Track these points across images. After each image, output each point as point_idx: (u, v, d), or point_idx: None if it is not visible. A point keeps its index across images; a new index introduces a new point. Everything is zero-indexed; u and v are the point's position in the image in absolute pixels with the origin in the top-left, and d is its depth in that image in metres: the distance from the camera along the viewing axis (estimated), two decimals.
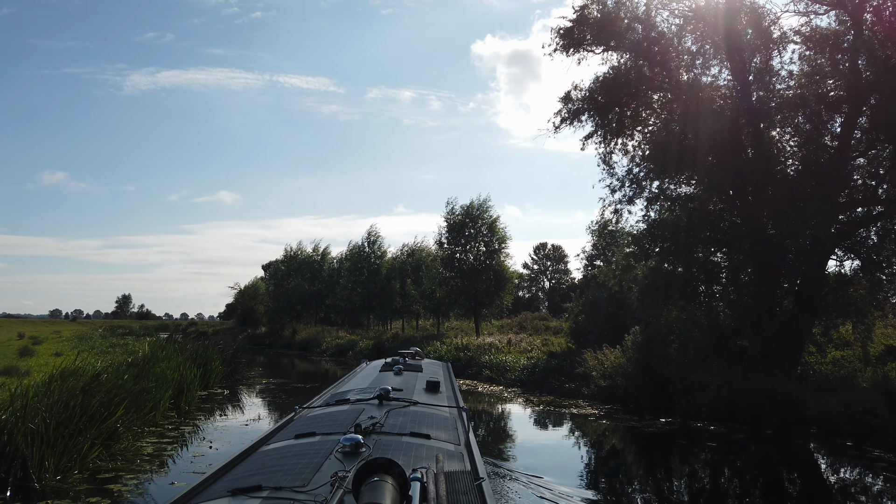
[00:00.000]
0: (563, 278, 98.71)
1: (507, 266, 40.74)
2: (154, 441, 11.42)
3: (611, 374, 19.40)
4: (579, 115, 22.02)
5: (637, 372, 18.39)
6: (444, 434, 4.41)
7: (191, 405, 16.10)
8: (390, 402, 5.06)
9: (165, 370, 14.14)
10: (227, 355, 23.59)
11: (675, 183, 20.33)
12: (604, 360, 20.24)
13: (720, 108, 18.02)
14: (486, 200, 40.87)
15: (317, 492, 2.82)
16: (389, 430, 4.13)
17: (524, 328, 44.28)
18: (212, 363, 21.37)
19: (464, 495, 2.91)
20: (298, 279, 64.50)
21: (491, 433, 15.41)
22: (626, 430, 14.91)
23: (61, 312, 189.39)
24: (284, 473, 3.17)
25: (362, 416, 4.50)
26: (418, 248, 52.62)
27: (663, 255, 20.56)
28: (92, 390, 9.48)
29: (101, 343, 38.64)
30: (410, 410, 4.91)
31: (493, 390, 22.27)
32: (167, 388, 13.61)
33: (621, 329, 26.76)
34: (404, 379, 6.69)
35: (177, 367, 15.69)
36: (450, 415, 5.22)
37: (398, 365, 7.53)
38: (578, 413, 17.06)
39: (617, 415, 16.68)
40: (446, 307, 44.71)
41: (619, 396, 18.50)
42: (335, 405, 5.25)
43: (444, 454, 3.55)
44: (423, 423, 4.48)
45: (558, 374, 21.72)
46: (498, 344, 30.32)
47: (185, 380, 15.84)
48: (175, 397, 15.44)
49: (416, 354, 9.58)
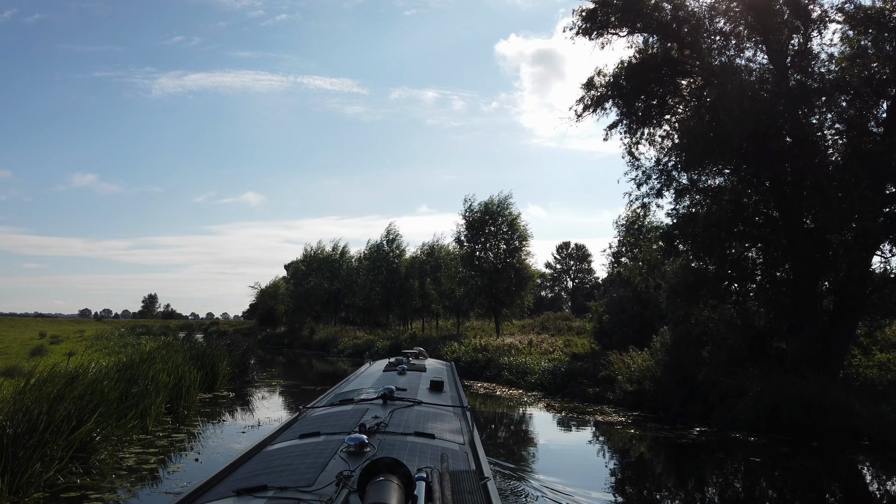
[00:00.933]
0: (586, 278, 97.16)
1: (528, 265, 39.46)
2: (138, 451, 10.50)
3: (638, 378, 18.16)
4: (603, 103, 20.81)
5: (666, 376, 17.13)
6: (449, 433, 4.37)
7: (190, 409, 15.22)
8: (394, 402, 5.04)
9: (159, 373, 13.22)
10: (236, 356, 22.73)
11: (707, 174, 19.00)
12: (630, 363, 18.99)
13: (756, 92, 16.66)
14: (506, 197, 39.70)
15: (322, 491, 2.80)
16: (394, 430, 4.11)
17: (546, 328, 43.04)
18: (218, 364, 20.53)
19: (469, 495, 2.85)
20: (318, 279, 64.00)
21: (509, 441, 14.28)
22: (657, 441, 13.65)
23: (90, 312, 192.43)
24: (289, 473, 3.16)
25: (366, 415, 4.48)
26: (438, 247, 51.57)
27: (694, 252, 19.27)
28: (62, 396, 8.56)
29: (115, 342, 38.34)
30: (414, 410, 4.88)
31: (513, 394, 21.10)
32: (159, 393, 12.69)
33: (647, 330, 25.48)
34: (408, 379, 6.65)
35: (173, 369, 14.80)
36: (454, 414, 5.17)
37: (402, 365, 7.47)
38: (603, 421, 15.82)
39: (646, 423, 15.44)
40: (466, 307, 43.60)
41: (646, 402, 17.26)
42: (339, 405, 5.22)
43: (449, 453, 3.50)
44: (427, 423, 4.47)
45: (581, 377, 20.50)
46: (518, 345, 29.14)
47: (183, 382, 14.96)
48: (172, 401, 14.60)
49: (419, 354, 9.50)
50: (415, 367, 7.74)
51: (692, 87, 21.30)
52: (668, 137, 20.87)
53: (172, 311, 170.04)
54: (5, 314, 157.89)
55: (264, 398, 19.39)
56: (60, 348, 34.56)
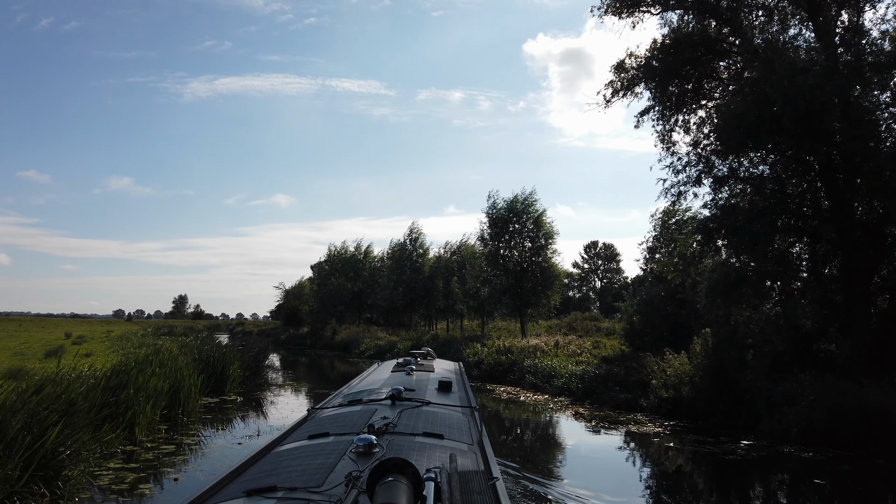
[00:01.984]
0: (614, 278, 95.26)
1: (554, 263, 37.94)
2: (118, 467, 9.49)
3: (674, 383, 16.71)
4: (634, 87, 19.40)
5: (707, 382, 15.66)
6: (457, 434, 4.35)
7: (190, 416, 14.23)
8: (403, 403, 5.01)
9: (151, 378, 12.19)
10: (247, 358, 21.76)
11: (749, 161, 17.47)
12: (665, 367, 17.54)
13: (803, 72, 15.12)
14: (531, 194, 38.26)
15: (331, 492, 2.79)
16: (402, 431, 4.09)
17: (574, 329, 41.59)
18: (229, 367, 19.58)
19: (478, 495, 2.84)
20: (340, 279, 63.26)
21: (533, 452, 12.99)
22: (698, 455, 12.18)
23: (124, 312, 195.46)
24: (299, 474, 3.14)
25: (375, 416, 4.46)
26: (463, 246, 50.31)
27: (733, 246, 17.74)
28: (15, 408, 7.52)
29: (134, 342, 37.98)
30: (423, 410, 4.84)
31: (538, 400, 19.76)
32: (149, 399, 11.66)
33: (682, 331, 23.94)
34: (416, 379, 6.59)
35: (171, 373, 13.81)
36: (462, 415, 5.13)
37: (410, 365, 7.46)
38: (638, 431, 14.37)
39: (685, 434, 14.00)
40: (490, 307, 42.28)
41: (684, 410, 15.82)
42: (348, 406, 5.20)
43: (458, 454, 3.51)
44: (435, 423, 4.43)
45: (612, 382, 19.08)
46: (544, 346, 27.75)
47: (182, 387, 13.96)
48: (169, 407, 13.62)
49: (427, 355, 9.42)
50: (423, 368, 7.67)
51: (731, 69, 19.78)
52: (704, 124, 19.41)
53: (201, 312, 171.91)
54: (43, 314, 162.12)
55: (273, 403, 18.34)
56: (81, 348, 34.22)
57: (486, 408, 19.66)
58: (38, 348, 34.86)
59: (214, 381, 19.03)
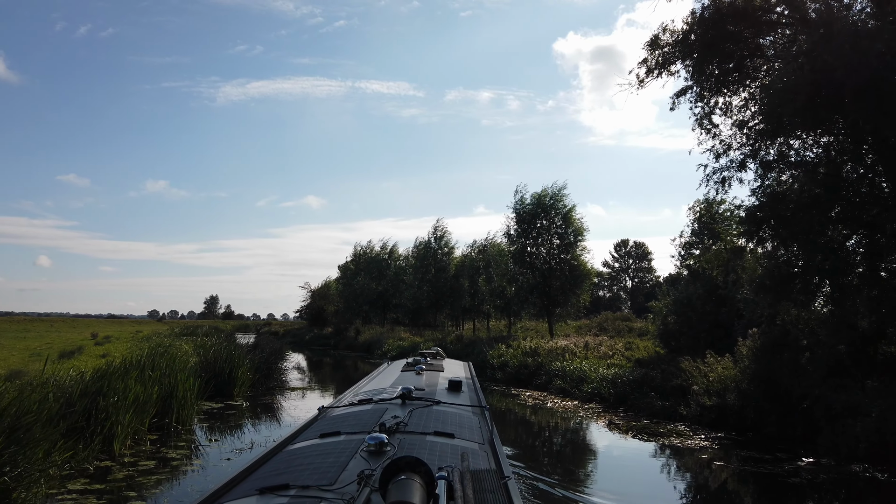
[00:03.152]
0: (646, 277, 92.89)
1: (584, 261, 36.23)
2: (82, 488, 8.33)
3: (718, 389, 15.10)
4: (669, 65, 17.82)
5: (756, 388, 14.03)
6: (468, 433, 4.32)
7: (185, 424, 13.09)
8: (413, 402, 5.01)
9: (136, 383, 11.00)
10: (256, 360, 20.63)
11: (801, 144, 15.76)
12: (707, 372, 15.91)
13: (869, 37, 13.40)
14: (560, 188, 36.63)
15: (344, 490, 2.78)
16: (413, 430, 4.07)
17: (604, 330, 39.88)
18: (237, 369, 18.47)
19: (490, 494, 2.80)
20: (365, 278, 62.30)
21: (563, 465, 11.53)
22: (756, 477, 10.53)
23: (158, 313, 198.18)
24: (311, 472, 3.14)
25: (386, 415, 4.46)
26: (490, 244, 48.83)
27: (781, 238, 16.05)
28: None
29: (154, 342, 37.46)
30: (433, 410, 4.84)
31: (566, 406, 18.24)
32: (129, 408, 10.50)
33: (721, 331, 22.24)
34: (426, 378, 6.62)
35: (163, 377, 12.67)
36: (473, 414, 5.11)
37: (420, 365, 7.53)
38: (682, 445, 12.72)
39: (736, 448, 12.34)
40: (517, 306, 40.72)
41: (730, 420, 14.20)
42: (359, 405, 5.17)
43: (469, 453, 3.52)
44: (446, 423, 4.42)
45: (647, 387, 17.50)
46: (573, 348, 26.17)
47: (175, 393, 12.82)
48: (162, 414, 12.49)
49: (437, 354, 9.42)
50: (433, 367, 7.68)
51: (777, 45, 18.04)
52: (747, 106, 17.73)
53: (231, 312, 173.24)
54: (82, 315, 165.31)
55: (280, 409, 17.15)
56: (100, 349, 33.73)
57: (512, 411, 18.24)
58: (59, 349, 34.49)
59: (221, 385, 17.99)
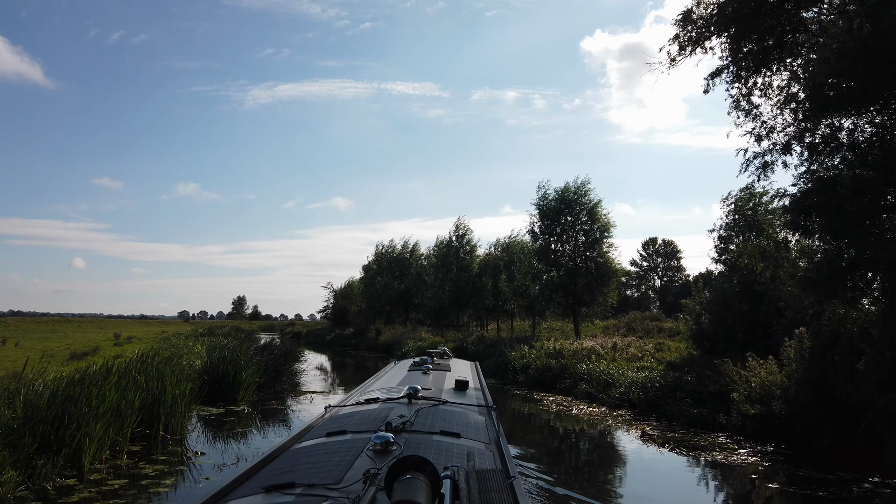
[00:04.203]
0: (675, 276, 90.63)
1: (610, 258, 34.66)
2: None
3: (762, 396, 13.61)
4: (703, 41, 16.33)
5: (805, 395, 12.52)
6: (474, 433, 4.31)
7: (175, 433, 12.04)
8: (419, 401, 5.02)
9: (107, 390, 9.91)
10: (263, 361, 19.58)
11: (853, 123, 14.18)
12: (749, 376, 14.42)
13: None
14: (584, 183, 35.14)
15: (350, 489, 2.80)
16: (419, 429, 4.07)
17: (633, 330, 38.29)
18: (241, 372, 17.45)
19: (496, 493, 2.80)
20: (387, 278, 61.35)
21: (593, 487, 10.19)
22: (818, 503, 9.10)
23: (188, 313, 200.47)
24: (317, 471, 3.15)
25: (392, 414, 4.45)
26: (513, 242, 47.45)
27: (831, 229, 14.48)
28: None
29: (172, 342, 37.03)
30: (440, 409, 4.82)
31: (593, 413, 16.83)
32: (101, 418, 9.43)
33: (760, 331, 20.68)
34: (433, 378, 6.62)
35: (150, 382, 11.62)
36: (479, 414, 5.07)
37: (426, 364, 7.53)
38: (727, 461, 11.22)
39: (789, 465, 10.84)
40: (541, 306, 39.28)
41: (777, 431, 12.72)
42: (365, 404, 5.16)
43: (475, 453, 3.50)
44: (452, 422, 4.41)
45: (681, 392, 16.06)
46: (600, 349, 24.72)
47: (163, 399, 11.77)
48: (149, 423, 11.46)
49: (444, 354, 9.45)
50: (439, 367, 7.68)
51: (823, 17, 16.47)
52: (789, 86, 16.19)
53: (258, 313, 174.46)
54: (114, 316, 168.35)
55: (284, 415, 16.06)
56: (118, 350, 33.35)
57: (535, 417, 16.94)
58: (76, 350, 34.13)
59: (225, 388, 17.01)
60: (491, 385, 23.70)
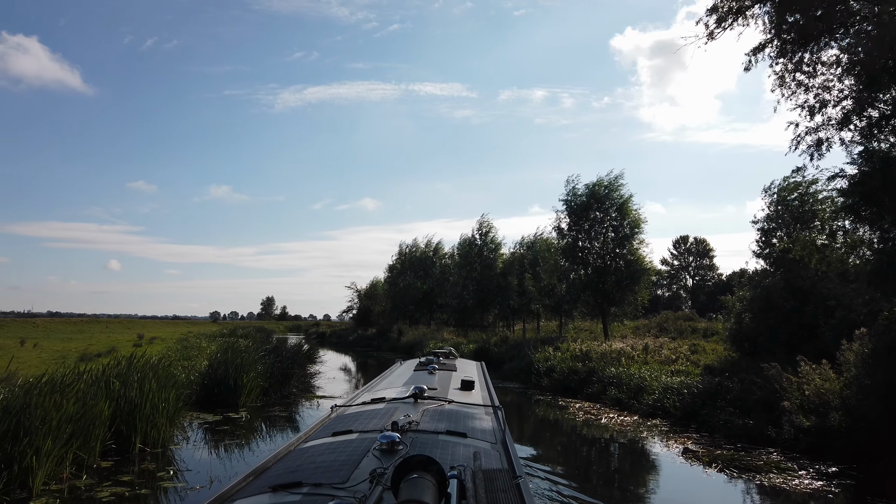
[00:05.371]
0: (707, 275, 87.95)
1: (641, 255, 32.86)
2: None
3: (817, 406, 11.97)
4: (744, 11, 14.72)
5: (870, 405, 10.86)
6: (480, 432, 4.27)
7: (157, 445, 10.86)
8: (425, 401, 5.02)
9: (62, 400, 8.72)
10: (268, 365, 18.40)
11: None
12: (801, 383, 12.77)
13: None
14: (616, 177, 33.38)
15: (356, 488, 2.79)
16: (425, 429, 4.06)
17: (665, 330, 36.48)
18: (243, 376, 16.31)
19: (502, 493, 2.74)
20: (410, 277, 60.21)
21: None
22: None
23: (219, 314, 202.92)
24: (323, 470, 3.15)
25: (398, 414, 4.43)
26: (538, 240, 45.85)
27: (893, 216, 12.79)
28: None
29: (190, 343, 36.50)
30: (446, 409, 4.81)
31: (624, 422, 15.27)
32: (52, 432, 8.24)
33: (807, 333, 18.93)
34: (439, 378, 6.57)
35: (123, 391, 10.47)
36: (485, 413, 5.02)
37: (432, 364, 7.53)
38: (788, 487, 9.50)
39: (866, 492, 9.24)
40: (569, 305, 37.62)
41: (837, 446, 11.07)
42: (371, 404, 5.15)
43: (481, 452, 3.48)
44: (458, 422, 4.40)
45: (722, 400, 14.45)
46: (630, 351, 23.11)
47: (140, 407, 10.61)
48: (122, 436, 10.31)
49: (450, 354, 9.49)
50: (445, 367, 7.67)
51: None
52: (837, 63, 14.52)
53: (286, 313, 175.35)
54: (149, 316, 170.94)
55: (283, 423, 14.82)
56: (135, 350, 32.85)
57: (560, 425, 15.51)
58: (95, 350, 33.63)
59: (227, 393, 15.91)
60: (512, 389, 22.21)
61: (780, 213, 21.45)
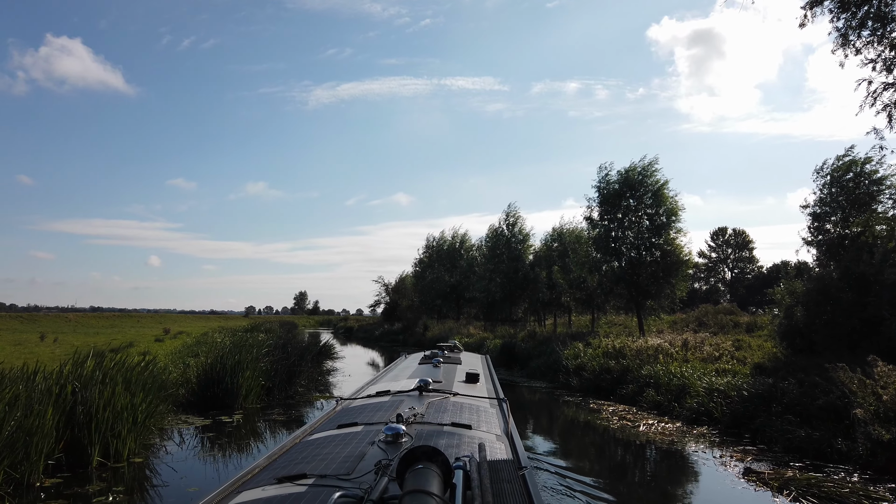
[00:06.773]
0: (747, 267, 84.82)
1: (679, 245, 30.61)
2: None
3: (895, 415, 10.04)
4: None
5: None
6: (485, 424, 4.28)
7: (122, 458, 9.47)
8: (430, 394, 5.02)
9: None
10: (271, 362, 16.99)
11: None
12: (876, 388, 10.82)
13: None
14: (651, 163, 31.18)
15: (361, 479, 2.78)
16: (430, 420, 4.07)
17: (704, 325, 34.30)
18: (240, 375, 14.93)
19: (508, 484, 2.81)
20: (437, 270, 58.68)
21: None
22: None
23: (255, 309, 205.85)
24: (329, 462, 3.16)
25: (403, 406, 4.45)
26: (567, 231, 43.82)
27: None
28: None
29: (208, 338, 35.66)
30: (450, 401, 4.81)
31: (665, 430, 13.38)
32: None
33: (869, 329, 16.87)
34: (444, 371, 6.58)
35: (77, 394, 9.09)
36: (490, 405, 5.02)
37: (437, 357, 7.59)
38: None
39: None
40: (601, 299, 35.62)
41: None
42: (376, 396, 5.18)
43: (486, 444, 3.45)
44: (463, 414, 4.41)
45: (777, 404, 12.54)
46: (668, 347, 21.16)
47: (98, 414, 9.21)
48: (79, 447, 8.93)
49: (454, 347, 9.51)
50: (450, 360, 7.70)
51: None
52: None
53: (318, 308, 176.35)
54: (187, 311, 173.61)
55: (278, 427, 13.34)
56: (153, 345, 32.15)
57: (591, 432, 13.78)
58: (116, 345, 32.97)
59: (224, 394, 14.55)
60: (538, 389, 20.30)
61: (834, 196, 19.28)
